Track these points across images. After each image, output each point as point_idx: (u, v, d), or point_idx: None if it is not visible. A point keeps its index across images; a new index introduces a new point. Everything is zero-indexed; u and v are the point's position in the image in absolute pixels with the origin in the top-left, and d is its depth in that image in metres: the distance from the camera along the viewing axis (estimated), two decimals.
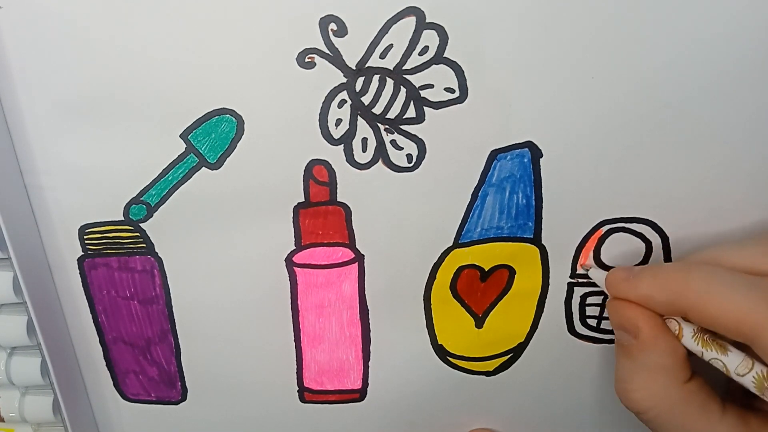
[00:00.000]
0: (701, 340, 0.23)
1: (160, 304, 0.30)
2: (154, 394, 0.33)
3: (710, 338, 0.23)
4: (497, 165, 0.26)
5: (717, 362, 0.23)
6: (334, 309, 0.30)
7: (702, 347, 0.23)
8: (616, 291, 0.25)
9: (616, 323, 0.25)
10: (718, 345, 0.23)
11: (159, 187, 0.27)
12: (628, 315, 0.24)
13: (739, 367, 0.22)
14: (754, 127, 0.25)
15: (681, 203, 0.26)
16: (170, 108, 0.26)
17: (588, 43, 0.24)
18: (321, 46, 0.24)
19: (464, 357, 0.31)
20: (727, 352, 0.23)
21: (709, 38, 0.23)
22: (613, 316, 0.25)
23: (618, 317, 0.25)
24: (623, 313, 0.25)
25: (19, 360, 0.31)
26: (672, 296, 0.23)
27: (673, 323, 0.24)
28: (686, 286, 0.22)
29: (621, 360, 0.25)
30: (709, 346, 0.23)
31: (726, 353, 0.23)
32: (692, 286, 0.22)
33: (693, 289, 0.22)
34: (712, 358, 0.23)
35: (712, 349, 0.23)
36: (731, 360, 0.22)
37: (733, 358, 0.22)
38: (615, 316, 0.25)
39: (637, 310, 0.24)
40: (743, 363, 0.22)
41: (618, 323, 0.25)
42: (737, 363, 0.22)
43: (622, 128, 0.25)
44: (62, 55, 0.25)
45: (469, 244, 0.28)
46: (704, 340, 0.23)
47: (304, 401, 0.32)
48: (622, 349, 0.25)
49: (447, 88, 0.25)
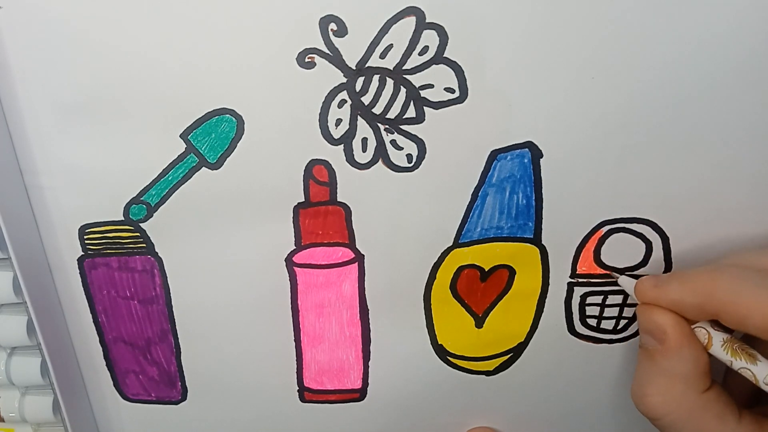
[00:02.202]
0: (731, 350, 0.23)
1: (160, 304, 0.30)
2: (154, 394, 0.33)
3: (739, 347, 0.23)
4: (497, 165, 0.26)
5: (746, 371, 0.23)
6: (334, 309, 0.30)
7: (731, 356, 0.23)
8: (646, 297, 0.25)
9: (644, 327, 0.25)
10: (748, 354, 0.23)
11: (159, 187, 0.27)
12: (657, 320, 0.24)
13: None
14: (754, 127, 0.25)
15: (681, 203, 0.26)
16: (170, 108, 0.26)
17: (588, 43, 0.24)
18: (321, 46, 0.24)
19: (464, 357, 0.31)
20: (756, 362, 0.23)
21: (709, 39, 0.23)
22: (642, 321, 0.25)
23: (647, 322, 0.25)
24: (653, 318, 0.25)
25: (19, 360, 0.31)
26: (702, 299, 0.23)
27: (702, 332, 0.24)
28: (715, 287, 0.22)
29: (643, 363, 0.25)
30: (738, 356, 0.23)
31: (755, 363, 0.23)
32: (721, 287, 0.22)
33: (723, 290, 0.22)
34: (741, 368, 0.23)
35: (742, 359, 0.23)
36: (760, 369, 0.22)
37: (762, 367, 0.22)
38: (644, 320, 0.25)
39: (666, 315, 0.24)
40: None
41: (646, 327, 0.25)
42: (766, 372, 0.22)
43: (622, 128, 0.25)
44: (62, 56, 0.25)
45: (469, 244, 0.28)
46: (733, 350, 0.23)
47: (304, 401, 0.32)
48: (645, 354, 0.25)
49: (447, 88, 0.25)
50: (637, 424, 0.25)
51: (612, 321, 0.30)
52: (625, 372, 0.31)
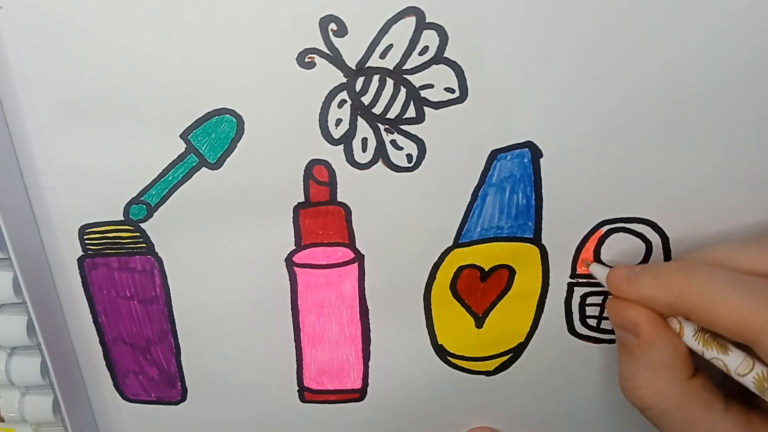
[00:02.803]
0: (702, 340, 0.23)
1: (160, 304, 0.30)
2: (154, 394, 0.33)
3: (711, 338, 0.23)
4: (497, 165, 0.26)
5: (718, 362, 0.23)
6: (334, 309, 0.30)
7: (703, 346, 0.23)
8: (617, 290, 0.25)
9: (616, 323, 0.25)
10: (719, 344, 0.23)
11: (159, 187, 0.27)
12: (628, 315, 0.24)
13: (740, 367, 0.22)
14: (754, 127, 0.25)
15: (681, 203, 0.26)
16: (170, 108, 0.26)
17: (588, 44, 0.24)
18: (321, 46, 0.24)
19: (464, 357, 0.31)
20: (728, 352, 0.23)
21: (709, 38, 0.23)
22: (613, 316, 0.25)
23: (618, 317, 0.25)
24: (624, 314, 0.25)
25: (19, 360, 0.31)
26: (673, 298, 0.23)
27: (674, 322, 0.24)
28: (687, 287, 0.22)
29: (623, 359, 0.25)
30: (710, 346, 0.23)
31: (727, 353, 0.23)
32: (693, 287, 0.22)
33: (694, 291, 0.22)
34: (713, 358, 0.23)
35: (713, 349, 0.23)
36: (732, 360, 0.22)
37: (733, 357, 0.22)
38: (615, 316, 0.25)
39: (637, 309, 0.24)
40: (744, 363, 0.22)
41: (618, 323, 0.25)
42: (738, 363, 0.22)
43: (622, 128, 0.25)
44: (62, 55, 0.25)
45: (469, 244, 0.28)
46: (705, 340, 0.23)
47: (304, 401, 0.32)
48: (624, 348, 0.25)
49: (447, 88, 0.25)
50: (637, 423, 0.25)
51: None
52: None
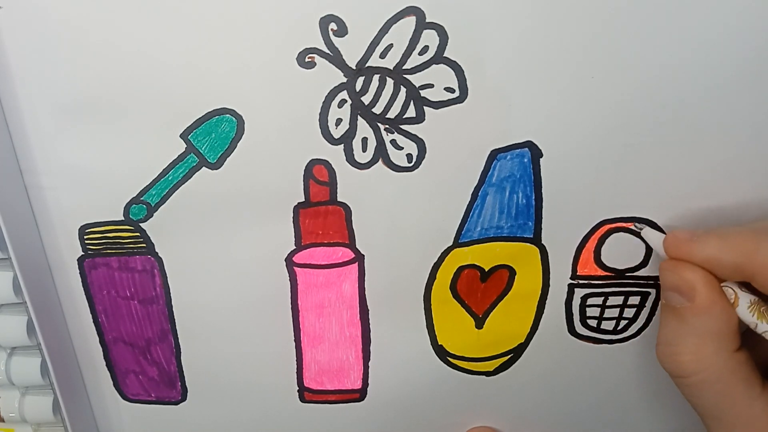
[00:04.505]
0: (757, 312, 0.22)
1: (160, 304, 0.30)
2: (154, 394, 0.33)
3: (767, 310, 0.22)
4: (497, 165, 0.26)
5: None
6: (334, 309, 0.30)
7: (757, 318, 0.22)
8: (677, 251, 0.24)
9: (670, 284, 0.24)
10: None
11: (159, 187, 0.27)
12: (686, 276, 0.23)
13: None
14: (754, 127, 0.25)
15: (681, 203, 0.26)
16: (170, 108, 0.26)
17: (588, 43, 0.24)
18: (321, 45, 0.24)
19: (464, 357, 0.31)
20: None
21: (709, 39, 0.23)
22: (668, 276, 0.24)
23: (674, 277, 0.24)
24: (682, 274, 0.23)
25: (19, 360, 0.31)
26: (740, 258, 0.22)
27: (729, 291, 0.23)
28: (756, 249, 0.22)
29: (670, 321, 0.24)
30: (765, 318, 0.22)
31: None
32: (762, 249, 0.22)
33: (763, 253, 0.21)
34: (765, 331, 0.22)
35: (766, 322, 0.22)
36: None
37: None
38: (671, 276, 0.24)
39: (697, 272, 0.23)
40: None
41: (673, 284, 0.24)
42: None
43: (622, 128, 0.25)
44: (62, 56, 0.25)
45: (469, 244, 0.28)
46: (760, 312, 0.22)
47: (304, 401, 0.32)
48: (671, 312, 0.24)
49: (447, 88, 0.25)
50: (638, 423, 0.25)
51: (612, 322, 0.30)
52: (625, 372, 0.31)
